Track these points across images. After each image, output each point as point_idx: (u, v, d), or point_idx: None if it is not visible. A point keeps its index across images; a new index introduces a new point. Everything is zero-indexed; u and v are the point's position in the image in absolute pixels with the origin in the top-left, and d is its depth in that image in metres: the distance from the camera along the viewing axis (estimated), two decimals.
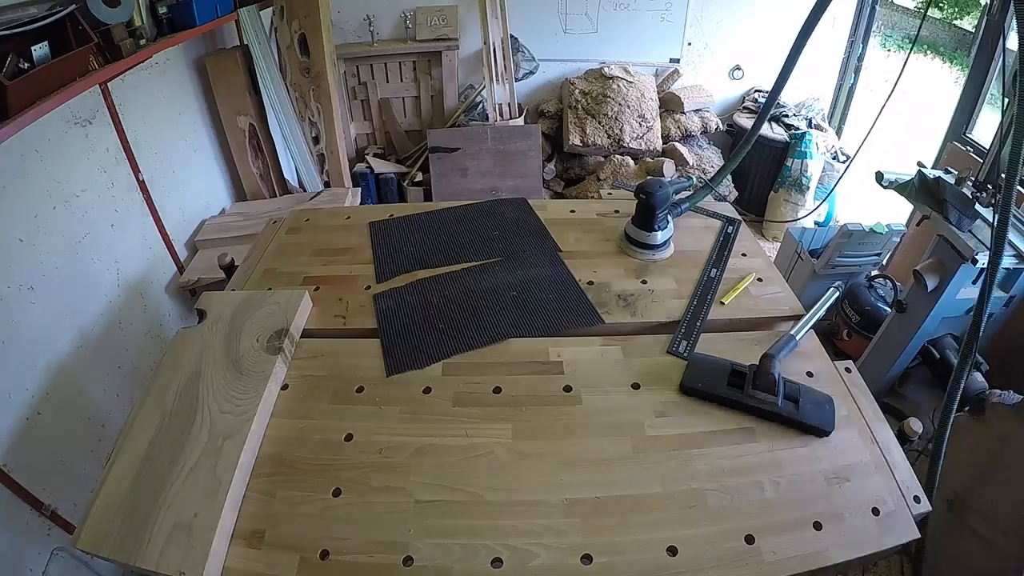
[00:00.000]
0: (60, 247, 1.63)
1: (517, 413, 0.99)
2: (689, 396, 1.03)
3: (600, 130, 3.53)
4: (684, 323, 1.16)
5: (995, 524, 1.46)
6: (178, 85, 2.37)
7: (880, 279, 2.51)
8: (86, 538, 0.79)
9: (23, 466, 1.42)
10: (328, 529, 0.82)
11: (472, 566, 0.78)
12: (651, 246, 1.35)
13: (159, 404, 0.96)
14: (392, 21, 3.57)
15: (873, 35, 3.77)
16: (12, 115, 1.34)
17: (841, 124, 3.94)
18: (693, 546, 0.80)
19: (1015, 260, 1.71)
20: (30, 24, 1.43)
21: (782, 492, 0.88)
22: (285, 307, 1.15)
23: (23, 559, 1.41)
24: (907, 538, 0.84)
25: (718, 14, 3.64)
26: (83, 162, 1.75)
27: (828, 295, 1.17)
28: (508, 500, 0.86)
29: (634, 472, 0.90)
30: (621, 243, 1.40)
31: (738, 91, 3.93)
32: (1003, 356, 2.04)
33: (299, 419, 0.99)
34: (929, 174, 1.86)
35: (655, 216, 1.31)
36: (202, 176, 2.56)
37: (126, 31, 1.79)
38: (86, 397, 1.69)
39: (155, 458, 0.87)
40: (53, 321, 1.59)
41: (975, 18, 5.14)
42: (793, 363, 1.09)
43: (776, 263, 2.61)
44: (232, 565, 0.78)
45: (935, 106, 5.25)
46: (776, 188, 3.51)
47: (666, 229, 1.35)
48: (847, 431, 0.97)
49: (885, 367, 2.09)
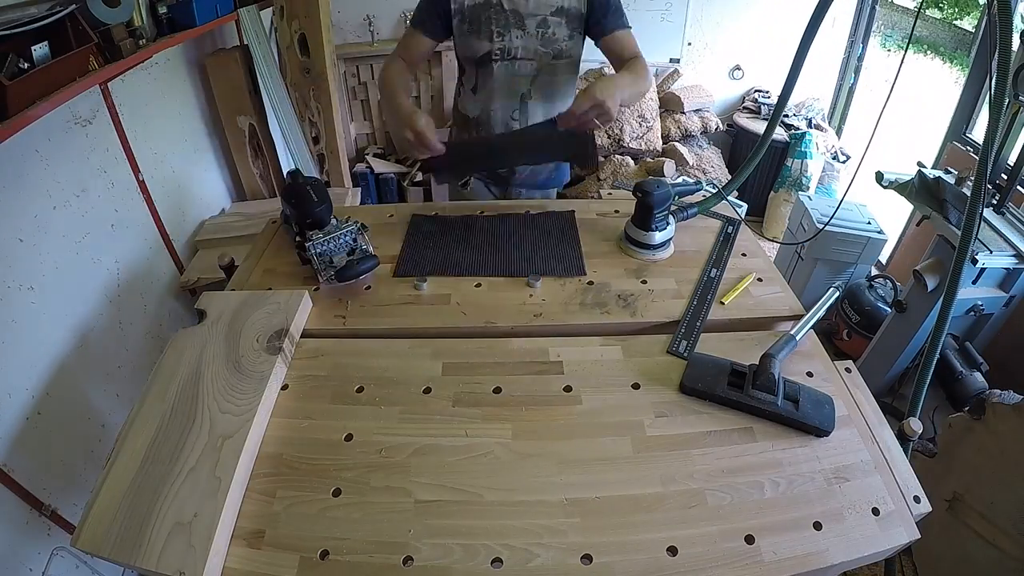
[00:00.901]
0: (60, 247, 1.63)
1: (517, 413, 0.99)
2: (689, 396, 1.03)
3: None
4: (684, 323, 1.16)
5: (995, 524, 1.46)
6: (178, 85, 2.37)
7: (880, 279, 2.51)
8: (86, 538, 0.79)
9: (23, 466, 1.42)
10: (328, 529, 0.82)
11: (472, 566, 0.78)
12: (650, 246, 1.34)
13: (159, 404, 0.96)
14: (392, 21, 3.57)
15: (873, 35, 3.77)
16: (12, 115, 1.34)
17: (841, 124, 3.94)
18: (693, 546, 0.80)
19: (1015, 260, 1.72)
20: (30, 24, 1.43)
21: (782, 492, 0.88)
22: (285, 307, 1.14)
23: (23, 559, 1.41)
24: (907, 538, 0.84)
25: (718, 14, 3.64)
26: (83, 162, 1.75)
27: (828, 295, 1.17)
28: (508, 500, 0.86)
29: (634, 472, 0.90)
30: (621, 243, 1.40)
31: (738, 91, 3.93)
32: (1003, 356, 2.04)
33: (299, 419, 0.99)
34: (929, 174, 1.86)
35: (653, 215, 1.31)
36: (202, 176, 2.56)
37: (126, 31, 1.78)
38: (86, 397, 1.69)
39: (155, 458, 0.87)
40: (53, 321, 1.59)
41: (975, 18, 5.14)
42: (793, 363, 1.09)
43: (776, 263, 2.62)
44: (232, 565, 0.78)
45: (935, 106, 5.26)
46: (776, 188, 3.51)
47: (665, 230, 1.35)
48: (847, 431, 0.97)
49: (885, 367, 2.09)
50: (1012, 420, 1.45)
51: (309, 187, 1.28)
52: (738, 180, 1.56)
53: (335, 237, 1.26)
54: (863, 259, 2.61)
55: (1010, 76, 1.11)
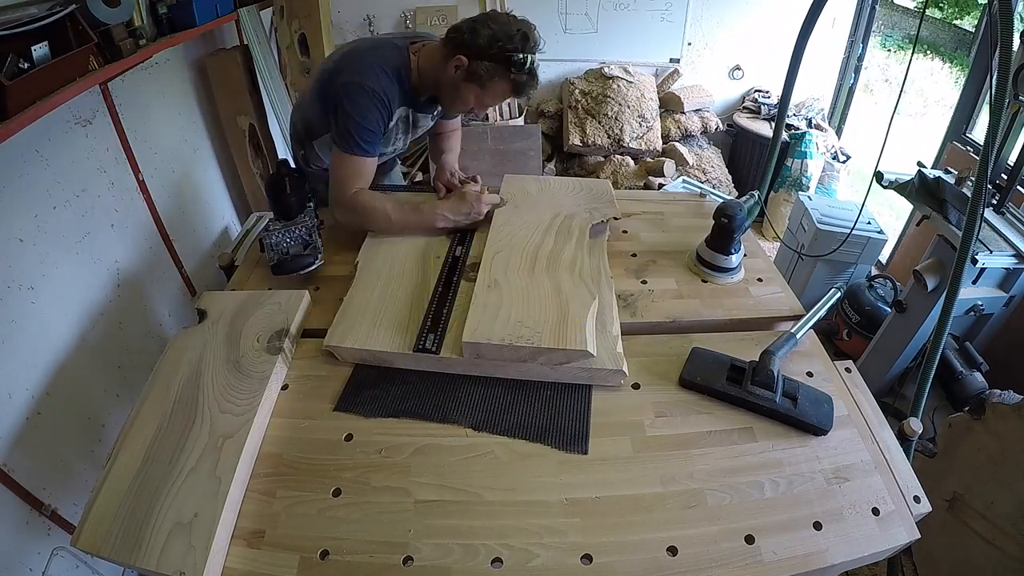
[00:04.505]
0: (60, 247, 1.63)
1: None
2: (688, 389, 1.03)
3: (600, 130, 3.53)
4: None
5: (995, 524, 1.46)
6: (178, 85, 2.37)
7: (880, 279, 2.51)
8: (86, 538, 0.79)
9: (23, 466, 1.42)
10: (328, 529, 0.82)
11: (472, 566, 0.78)
12: (729, 269, 1.31)
13: (159, 404, 0.96)
14: (392, 21, 3.56)
15: (873, 35, 3.77)
16: (12, 115, 1.34)
17: (841, 124, 3.94)
18: (693, 546, 0.80)
19: (1015, 260, 1.71)
20: (30, 24, 1.43)
21: (782, 492, 0.88)
22: (285, 307, 1.15)
23: (23, 559, 1.41)
24: (907, 538, 0.84)
25: (718, 14, 3.64)
26: (83, 162, 1.75)
27: (829, 295, 1.17)
28: (508, 500, 0.86)
29: (634, 472, 0.90)
30: (693, 266, 1.34)
31: (738, 91, 3.93)
32: (1003, 356, 2.04)
33: (299, 419, 0.99)
34: (929, 174, 1.86)
35: (734, 239, 1.28)
36: (202, 176, 2.56)
37: (126, 31, 1.78)
38: (86, 397, 1.69)
39: (155, 458, 0.87)
40: (53, 321, 1.58)
41: (975, 18, 5.14)
42: (793, 363, 1.09)
43: (776, 263, 2.62)
44: (232, 565, 0.78)
45: (935, 106, 5.26)
46: (776, 188, 3.51)
47: (740, 250, 1.32)
48: (847, 431, 0.97)
49: (885, 367, 2.09)
50: (1012, 420, 1.45)
51: (286, 179, 1.30)
52: (765, 181, 1.57)
53: (290, 230, 1.26)
54: (863, 259, 2.60)
55: (1010, 76, 1.11)
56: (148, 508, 0.81)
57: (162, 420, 0.93)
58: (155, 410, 0.95)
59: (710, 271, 1.32)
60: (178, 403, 0.96)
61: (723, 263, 1.30)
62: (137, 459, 0.87)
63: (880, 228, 2.55)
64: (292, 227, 1.26)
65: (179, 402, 0.96)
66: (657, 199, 1.74)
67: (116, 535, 0.79)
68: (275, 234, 1.25)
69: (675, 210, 1.60)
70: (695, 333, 1.16)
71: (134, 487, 0.84)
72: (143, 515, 0.80)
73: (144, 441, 0.90)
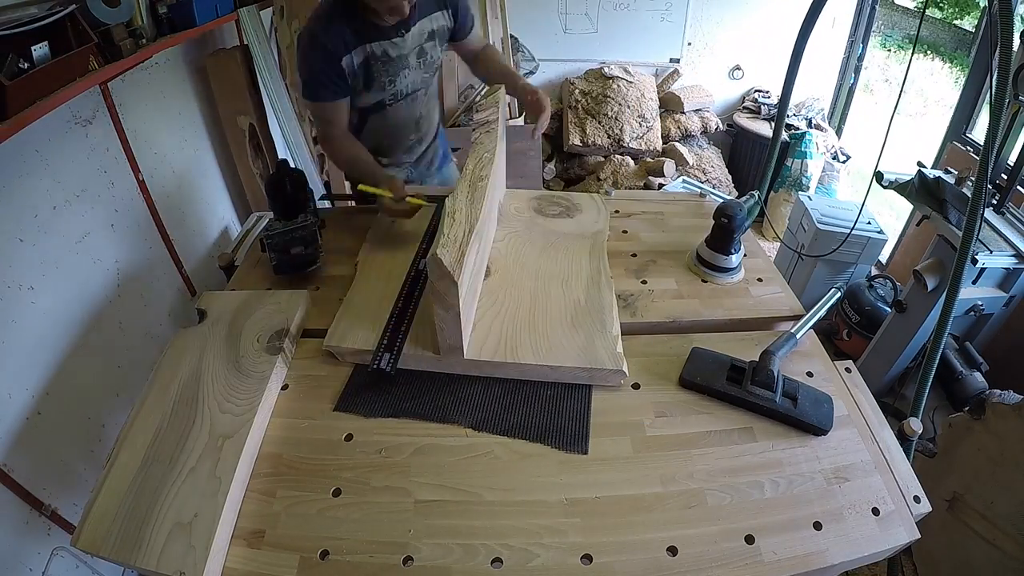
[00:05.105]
0: (60, 247, 1.63)
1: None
2: (688, 389, 1.03)
3: (600, 130, 3.53)
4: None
5: (995, 524, 1.46)
6: (178, 85, 2.37)
7: (880, 279, 2.51)
8: (86, 538, 0.79)
9: (23, 466, 1.42)
10: (328, 529, 0.82)
11: (472, 566, 0.78)
12: (729, 269, 1.31)
13: (159, 404, 0.96)
14: None
15: (873, 35, 3.77)
16: (12, 115, 1.34)
17: (841, 124, 3.94)
18: (693, 546, 0.80)
19: (1015, 260, 1.72)
20: (30, 24, 1.43)
21: (782, 492, 0.88)
22: (285, 307, 1.15)
23: (23, 559, 1.41)
24: (907, 538, 0.84)
25: (718, 14, 3.64)
26: (83, 162, 1.75)
27: (829, 295, 1.17)
28: (508, 500, 0.86)
29: (634, 472, 0.90)
30: (693, 266, 1.35)
31: (738, 91, 3.93)
32: (1003, 356, 2.04)
33: (299, 419, 0.99)
34: (929, 174, 1.86)
35: (735, 239, 1.28)
36: (202, 176, 2.56)
37: (126, 31, 1.78)
38: (86, 397, 1.69)
39: (155, 458, 0.87)
40: (53, 321, 1.58)
41: (975, 18, 5.14)
42: (793, 363, 1.09)
43: (776, 263, 2.61)
44: (232, 565, 0.79)
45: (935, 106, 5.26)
46: (776, 188, 3.51)
47: (740, 250, 1.32)
48: (847, 431, 0.97)
49: (885, 367, 2.09)
50: (1012, 420, 1.45)
51: (286, 179, 1.31)
52: (766, 181, 1.56)
53: (291, 230, 1.27)
54: (863, 259, 2.60)
55: (1010, 76, 1.11)
56: (148, 508, 0.81)
57: (162, 420, 0.93)
58: (155, 410, 0.95)
59: (710, 271, 1.31)
60: (178, 403, 0.96)
61: (723, 263, 1.30)
62: (137, 459, 0.87)
63: (880, 228, 2.55)
64: (292, 227, 1.27)
65: (179, 402, 0.96)
66: (657, 199, 1.74)
67: (116, 535, 0.79)
68: (276, 234, 1.25)
69: (675, 210, 1.60)
70: (695, 333, 1.16)
71: (134, 487, 0.84)
72: (143, 515, 0.80)
73: (144, 441, 0.90)
